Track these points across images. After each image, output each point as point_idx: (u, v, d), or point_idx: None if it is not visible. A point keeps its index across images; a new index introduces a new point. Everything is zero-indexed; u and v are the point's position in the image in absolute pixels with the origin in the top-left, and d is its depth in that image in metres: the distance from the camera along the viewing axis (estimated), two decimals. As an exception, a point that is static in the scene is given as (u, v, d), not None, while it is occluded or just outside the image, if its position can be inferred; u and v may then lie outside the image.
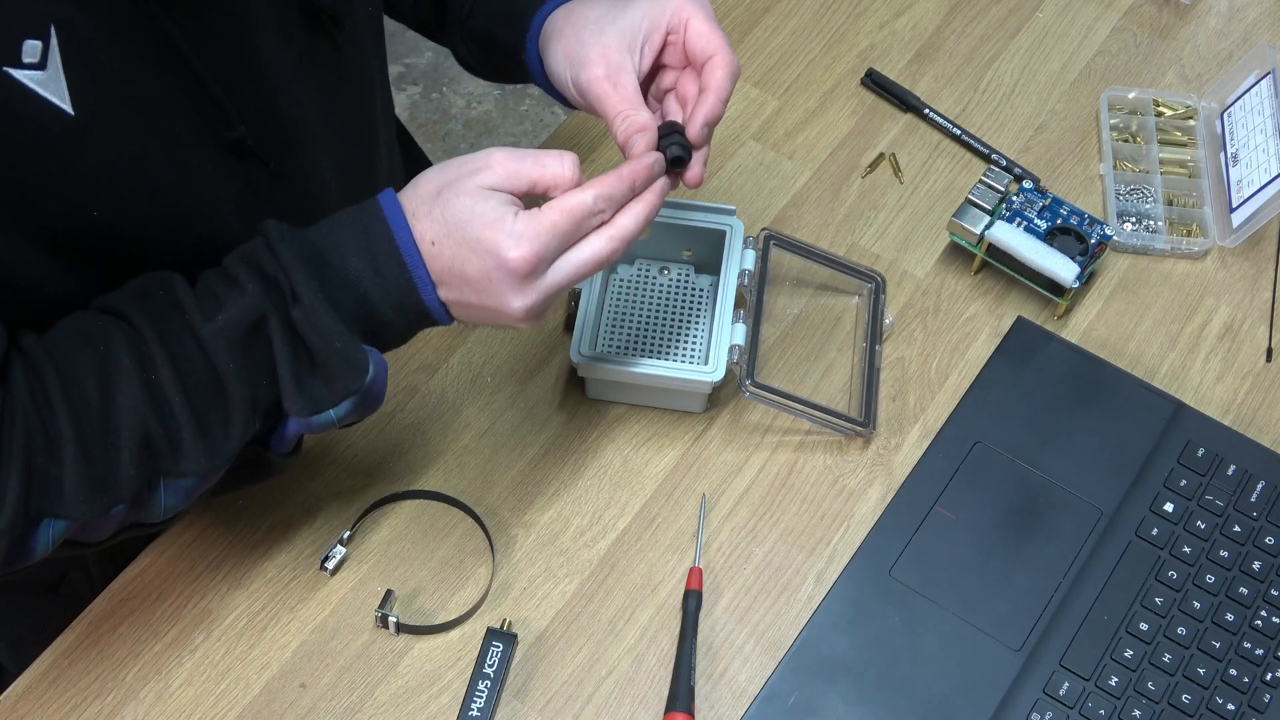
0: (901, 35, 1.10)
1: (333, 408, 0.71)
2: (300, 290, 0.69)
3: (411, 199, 0.72)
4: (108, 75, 0.65)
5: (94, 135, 0.65)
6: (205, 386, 0.69)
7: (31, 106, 0.62)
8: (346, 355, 0.70)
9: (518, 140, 2.15)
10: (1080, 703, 0.81)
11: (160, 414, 0.68)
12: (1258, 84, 1.01)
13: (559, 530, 0.88)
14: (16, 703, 0.81)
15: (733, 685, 0.83)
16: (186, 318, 0.68)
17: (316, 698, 0.82)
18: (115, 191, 0.68)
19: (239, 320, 0.68)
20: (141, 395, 0.67)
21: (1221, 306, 0.98)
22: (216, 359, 0.68)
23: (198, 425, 0.69)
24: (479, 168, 0.71)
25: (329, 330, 0.69)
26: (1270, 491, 0.88)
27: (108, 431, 0.66)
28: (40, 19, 0.61)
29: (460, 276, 0.71)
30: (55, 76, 0.62)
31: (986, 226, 0.95)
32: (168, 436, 0.68)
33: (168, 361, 0.67)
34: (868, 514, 0.88)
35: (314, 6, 0.76)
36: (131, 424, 0.67)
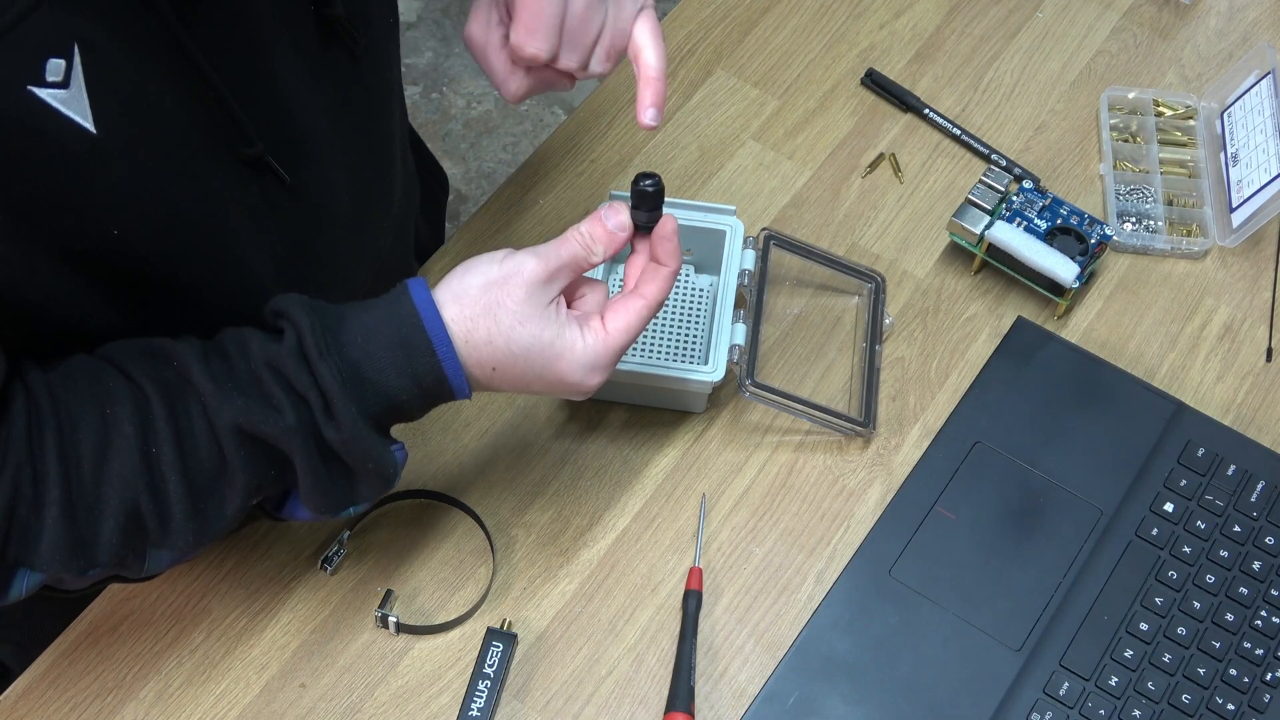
0: (901, 35, 1.10)
1: (354, 506, 0.72)
2: (337, 411, 0.68)
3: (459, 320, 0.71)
4: (129, 93, 0.64)
5: (115, 153, 0.65)
6: (207, 468, 0.68)
7: (54, 125, 0.62)
8: (378, 468, 0.70)
9: (517, 140, 2.15)
10: (1080, 703, 0.81)
11: (154, 490, 0.67)
12: (1258, 84, 1.01)
13: (559, 530, 0.88)
14: (16, 703, 0.81)
15: (733, 685, 0.83)
16: (199, 395, 0.67)
17: (316, 698, 0.82)
18: (135, 209, 0.68)
19: (259, 426, 0.67)
20: (138, 468, 0.66)
21: (1221, 306, 0.98)
22: (225, 445, 0.67)
23: (192, 506, 0.68)
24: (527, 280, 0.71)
25: (365, 451, 0.69)
26: (1270, 491, 0.88)
27: (96, 499, 0.66)
28: (64, 38, 0.61)
29: (524, 390, 0.74)
30: (78, 95, 0.62)
31: (986, 226, 0.95)
32: (158, 513, 0.67)
33: (172, 438, 0.67)
34: (868, 514, 0.88)
35: (329, 19, 0.76)
36: (122, 495, 0.66)
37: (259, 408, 0.67)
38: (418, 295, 0.71)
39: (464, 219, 1.35)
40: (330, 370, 0.68)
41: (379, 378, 0.69)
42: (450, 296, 0.72)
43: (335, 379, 0.68)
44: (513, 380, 0.73)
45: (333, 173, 0.81)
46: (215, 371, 0.68)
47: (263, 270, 0.78)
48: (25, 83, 0.60)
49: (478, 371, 0.72)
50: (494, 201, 1.01)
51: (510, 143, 2.15)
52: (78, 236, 0.67)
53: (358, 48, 0.79)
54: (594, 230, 0.74)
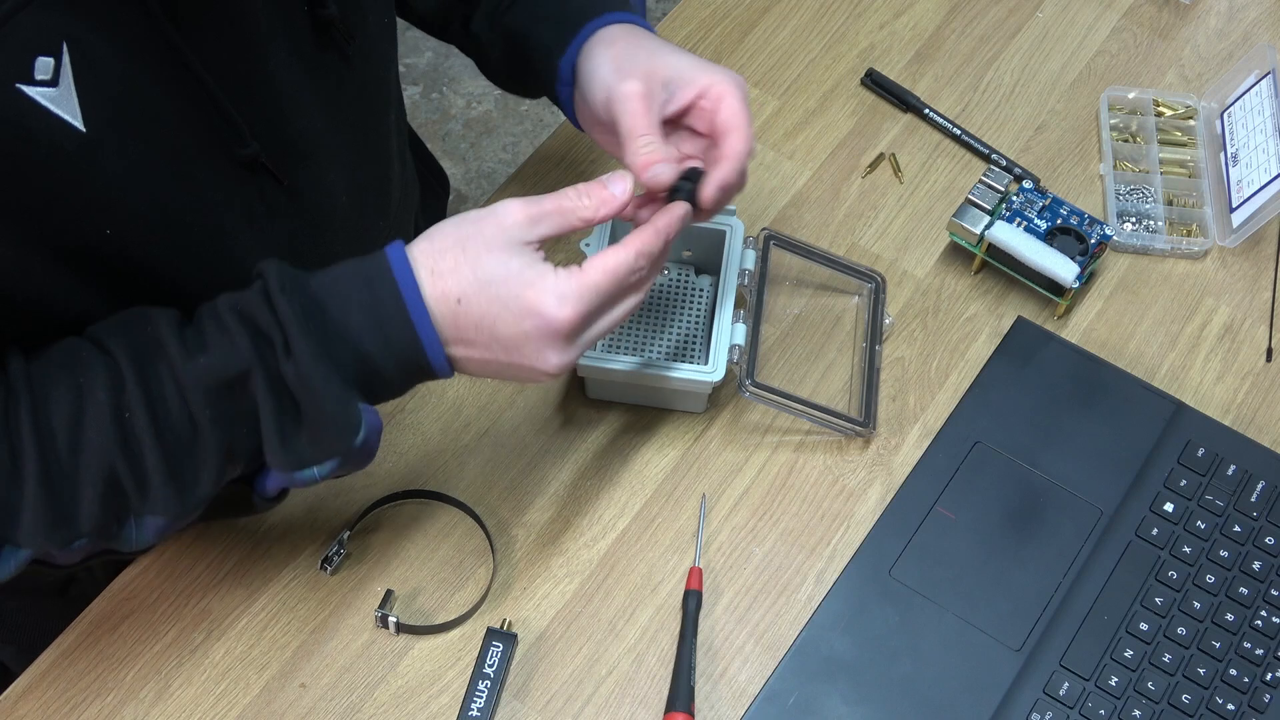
0: (901, 35, 1.10)
1: (317, 465, 0.70)
2: (295, 346, 0.67)
3: (428, 253, 0.70)
4: (119, 92, 0.64)
5: (105, 152, 0.65)
6: (179, 430, 0.68)
7: (43, 123, 0.62)
8: (337, 415, 0.68)
9: (517, 140, 2.15)
10: (1080, 703, 0.81)
11: (129, 455, 0.67)
12: (1258, 84, 1.01)
13: (559, 530, 0.88)
14: (16, 703, 0.81)
15: (733, 685, 0.83)
16: (169, 358, 0.67)
17: (316, 698, 0.82)
18: (126, 208, 0.68)
19: (221, 371, 0.67)
20: (112, 434, 0.66)
21: (1221, 306, 0.98)
22: (193, 405, 0.67)
23: (168, 469, 0.67)
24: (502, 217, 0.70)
25: (322, 390, 0.67)
26: (1270, 491, 0.88)
27: (74, 468, 0.66)
28: (53, 36, 0.61)
29: (490, 334, 0.70)
30: (67, 93, 0.62)
31: (986, 226, 0.95)
32: (135, 478, 0.67)
33: (143, 402, 0.66)
34: (868, 514, 0.88)
35: (325, 20, 0.76)
36: (99, 462, 0.66)
37: (219, 353, 0.67)
38: (390, 246, 0.70)
39: (464, 219, 1.35)
40: (290, 305, 0.67)
41: (343, 317, 0.68)
42: (423, 237, 0.71)
43: (294, 314, 0.67)
44: (480, 315, 0.69)
45: (330, 174, 0.80)
46: (186, 335, 0.68)
47: None
48: (13, 80, 0.60)
49: (443, 306, 0.69)
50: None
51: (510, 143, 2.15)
52: (70, 235, 0.67)
53: (352, 48, 0.79)
54: (590, 187, 0.72)
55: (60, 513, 0.66)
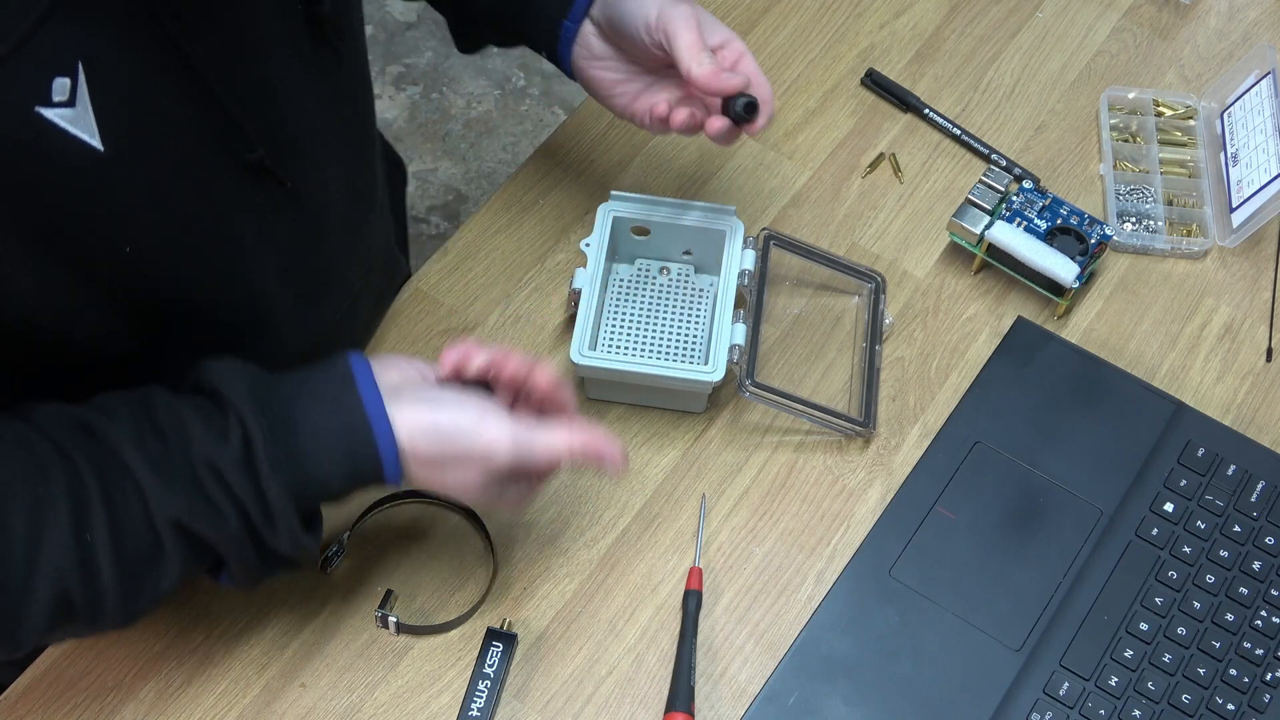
0: (901, 35, 1.10)
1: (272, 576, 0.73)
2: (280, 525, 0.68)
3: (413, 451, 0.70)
4: (133, 107, 0.64)
5: (123, 168, 0.64)
6: (141, 555, 0.66)
7: (62, 144, 0.61)
8: (305, 560, 0.71)
9: (517, 140, 2.15)
10: (1080, 703, 0.81)
11: (86, 577, 0.65)
12: (1258, 84, 1.01)
13: (559, 530, 0.88)
14: (16, 703, 0.81)
15: (733, 685, 0.83)
16: (139, 488, 0.66)
17: (316, 698, 0.82)
18: (145, 223, 0.68)
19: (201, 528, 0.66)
20: (71, 554, 0.64)
21: (1221, 306, 0.98)
22: (165, 538, 0.66)
23: (123, 592, 0.66)
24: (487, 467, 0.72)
25: (299, 551, 0.70)
26: (1270, 491, 0.88)
27: (26, 583, 0.64)
28: (68, 56, 0.60)
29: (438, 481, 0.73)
30: (84, 113, 0.62)
31: (986, 226, 0.95)
32: (89, 599, 0.66)
33: (107, 523, 0.65)
34: (868, 514, 0.88)
35: (319, 18, 0.76)
36: (53, 581, 0.64)
37: (201, 508, 0.66)
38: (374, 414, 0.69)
39: (464, 219, 1.35)
40: (279, 485, 0.67)
41: (320, 483, 0.69)
42: (414, 430, 0.70)
43: (283, 494, 0.67)
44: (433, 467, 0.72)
45: (327, 174, 0.81)
46: (153, 458, 0.66)
47: (268, 277, 0.78)
48: (33, 104, 0.60)
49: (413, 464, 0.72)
50: (494, 201, 1.01)
51: (510, 143, 2.15)
52: (92, 256, 0.67)
53: (344, 46, 0.79)
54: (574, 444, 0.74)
55: (4, 628, 0.65)
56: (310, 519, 0.71)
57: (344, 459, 0.69)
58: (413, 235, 2.07)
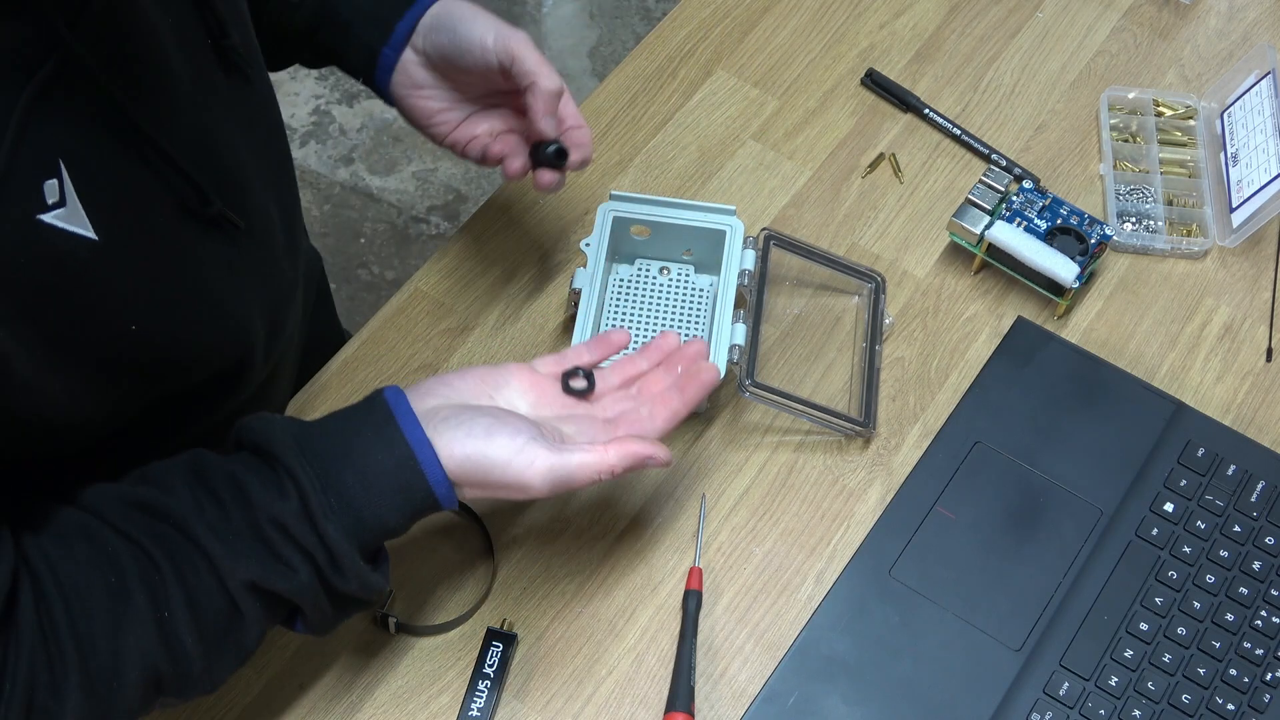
0: (901, 35, 1.10)
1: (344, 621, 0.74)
2: (346, 567, 0.69)
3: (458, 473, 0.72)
4: (111, 191, 0.65)
5: (116, 252, 0.65)
6: (221, 622, 0.68)
7: (64, 242, 0.62)
8: (374, 596, 0.72)
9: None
10: (1080, 703, 0.81)
11: (171, 653, 0.67)
12: (1258, 84, 1.01)
13: (559, 530, 0.88)
14: (16, 703, 0.81)
15: (733, 685, 0.83)
16: (208, 557, 0.67)
17: (316, 698, 0.82)
18: (144, 298, 0.69)
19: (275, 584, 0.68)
20: (153, 636, 0.66)
21: (1221, 306, 0.98)
22: (241, 602, 0.68)
23: (208, 660, 0.68)
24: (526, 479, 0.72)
25: (367, 589, 0.71)
26: (1270, 491, 0.88)
27: (115, 672, 0.65)
28: (50, 156, 0.61)
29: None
30: (75, 209, 0.63)
31: (986, 226, 0.95)
32: (177, 672, 0.67)
33: (184, 600, 0.66)
34: (868, 514, 0.88)
35: (228, 50, 0.76)
36: (141, 665, 0.66)
37: (271, 565, 0.68)
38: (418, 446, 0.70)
39: (464, 219, 1.35)
40: (337, 530, 0.68)
41: (378, 521, 0.70)
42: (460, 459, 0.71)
43: (343, 538, 0.69)
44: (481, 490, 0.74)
45: (264, 203, 0.81)
46: (215, 525, 0.67)
47: (245, 317, 0.78)
48: (34, 214, 0.61)
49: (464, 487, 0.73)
50: (494, 201, 1.01)
51: (510, 143, 2.14)
52: (100, 341, 0.67)
53: (252, 71, 0.79)
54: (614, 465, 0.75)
55: (101, 714, 0.66)
56: (376, 555, 0.72)
57: (397, 494, 0.70)
58: (413, 235, 2.07)
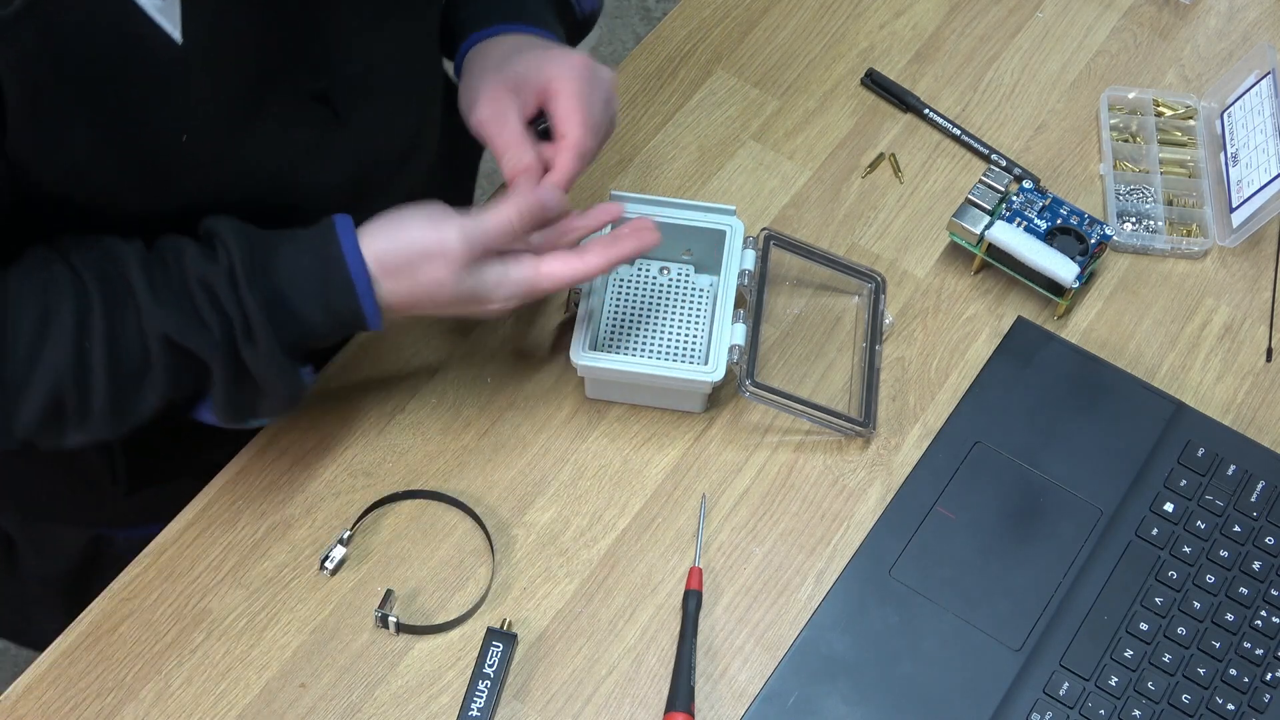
0: (901, 35, 1.10)
1: (255, 419, 0.77)
2: (258, 336, 0.72)
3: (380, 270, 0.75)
4: (217, 10, 0.68)
5: (195, 66, 0.68)
6: (132, 368, 0.71)
7: (148, 31, 0.66)
8: (287, 389, 0.75)
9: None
10: (1080, 703, 0.81)
11: (80, 381, 0.70)
12: (1258, 84, 1.01)
13: (559, 530, 0.88)
14: (16, 703, 0.81)
15: (733, 685, 0.83)
16: (136, 301, 0.71)
17: (316, 698, 0.82)
18: (204, 121, 0.72)
19: (187, 339, 0.71)
20: (70, 358, 0.70)
21: (1221, 306, 0.98)
22: (151, 349, 0.71)
23: (112, 401, 0.71)
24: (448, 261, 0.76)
25: (278, 374, 0.74)
26: (1270, 491, 0.88)
27: (25, 380, 0.69)
28: None
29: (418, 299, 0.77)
30: (172, 4, 0.66)
31: (986, 226, 0.95)
32: (80, 403, 0.71)
33: (105, 336, 0.70)
34: (868, 514, 0.88)
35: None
36: (51, 381, 0.69)
37: (189, 321, 0.71)
38: (345, 240, 0.75)
39: (464, 219, 1.35)
40: (256, 297, 0.72)
41: (301, 309, 0.74)
42: (379, 250, 0.75)
43: (259, 306, 0.72)
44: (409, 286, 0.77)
45: (385, 116, 0.84)
46: (154, 278, 0.72)
47: (315, 197, 0.81)
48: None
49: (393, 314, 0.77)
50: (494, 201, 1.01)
51: (510, 143, 2.14)
52: (150, 140, 0.70)
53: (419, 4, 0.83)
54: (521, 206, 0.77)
55: (2, 420, 0.70)
56: (294, 350, 0.75)
57: (315, 272, 0.74)
58: (413, 235, 2.06)
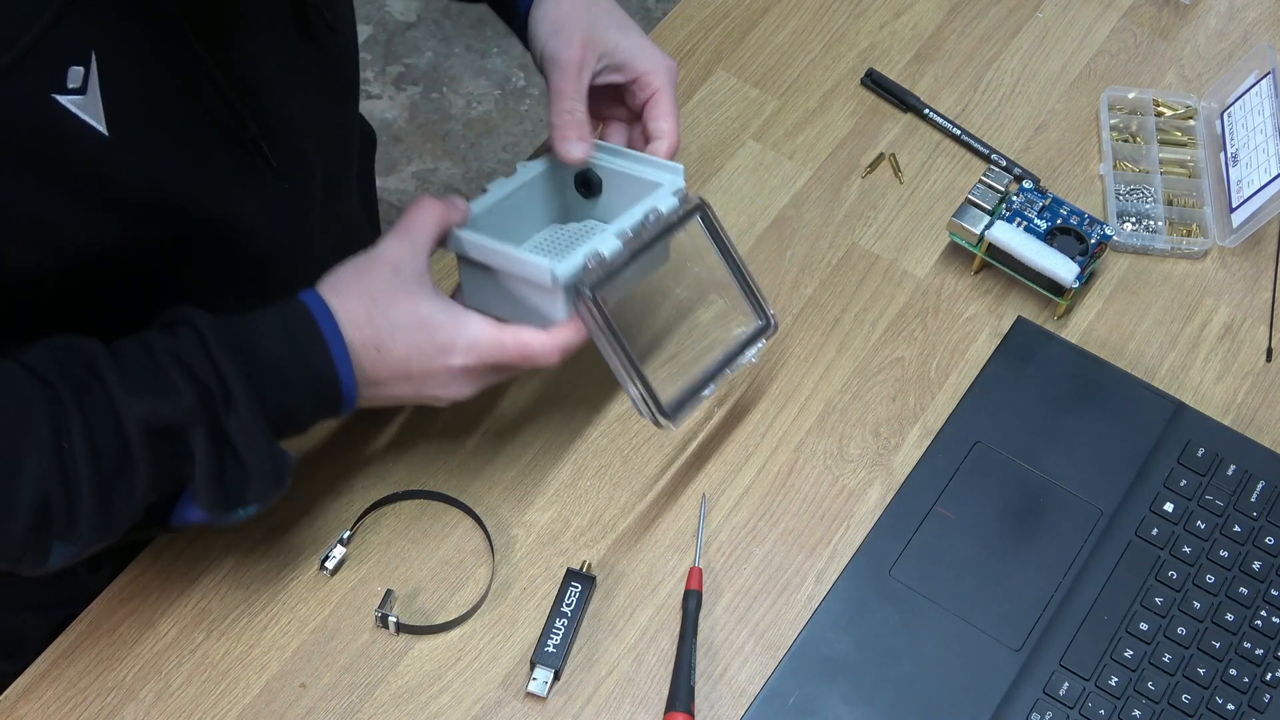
0: (901, 35, 1.10)
1: (244, 508, 0.74)
2: (238, 402, 0.70)
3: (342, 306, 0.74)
4: (139, 94, 0.68)
5: (125, 152, 0.68)
6: (116, 463, 0.68)
7: (73, 129, 0.65)
8: (272, 466, 0.73)
9: (517, 140, 2.15)
10: (1080, 703, 0.81)
11: (65, 483, 0.67)
12: (1258, 84, 1.01)
13: (559, 530, 0.88)
14: (16, 703, 0.81)
15: (733, 685, 0.83)
16: (109, 391, 0.68)
17: (316, 698, 0.82)
18: (142, 203, 0.71)
19: (164, 416, 0.69)
20: (52, 462, 0.67)
21: (1221, 306, 0.98)
22: (131, 439, 0.68)
23: (100, 499, 0.68)
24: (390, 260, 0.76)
25: (262, 444, 0.71)
26: (1270, 491, 0.88)
27: (9, 493, 0.66)
28: (83, 45, 0.64)
29: (403, 374, 0.76)
30: (94, 100, 0.66)
31: (986, 226, 0.95)
32: (68, 506, 0.68)
33: (83, 432, 0.67)
34: (868, 514, 0.88)
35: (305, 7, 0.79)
36: (35, 489, 0.66)
37: (165, 400, 0.69)
38: (304, 293, 0.75)
39: (464, 219, 1.35)
40: (229, 359, 0.70)
41: (276, 375, 0.72)
42: (328, 287, 0.75)
43: (234, 368, 0.70)
44: (396, 360, 0.75)
45: (309, 154, 0.83)
46: (121, 365, 0.69)
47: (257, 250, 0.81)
48: (50, 91, 0.64)
49: (363, 354, 0.74)
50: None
51: (510, 143, 2.15)
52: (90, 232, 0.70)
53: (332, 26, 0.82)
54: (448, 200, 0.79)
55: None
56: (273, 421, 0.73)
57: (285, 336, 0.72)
58: (413, 235, 2.06)
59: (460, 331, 0.75)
